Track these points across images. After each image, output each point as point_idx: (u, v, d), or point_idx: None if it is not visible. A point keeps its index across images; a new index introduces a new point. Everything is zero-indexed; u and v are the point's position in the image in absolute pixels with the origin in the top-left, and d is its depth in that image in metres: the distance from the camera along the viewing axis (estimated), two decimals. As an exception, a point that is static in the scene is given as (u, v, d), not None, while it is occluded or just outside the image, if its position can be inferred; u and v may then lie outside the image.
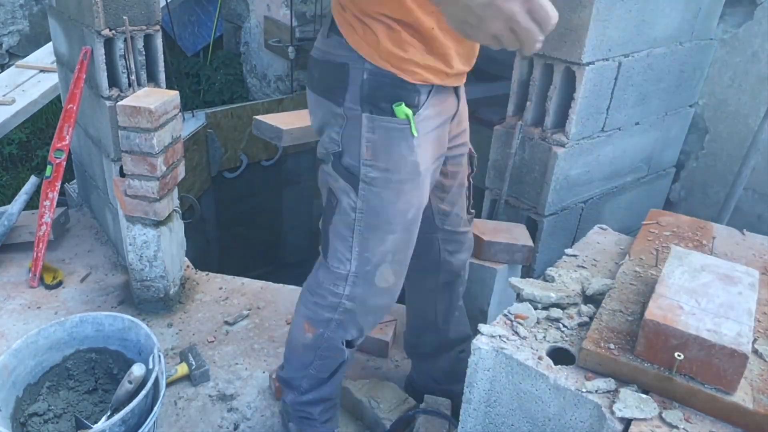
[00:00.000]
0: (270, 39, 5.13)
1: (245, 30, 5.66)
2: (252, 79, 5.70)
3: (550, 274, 1.54)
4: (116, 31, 2.41)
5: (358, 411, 2.07)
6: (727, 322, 1.17)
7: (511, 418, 1.34)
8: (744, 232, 1.73)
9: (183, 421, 2.05)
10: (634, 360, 1.21)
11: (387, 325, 2.43)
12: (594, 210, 2.60)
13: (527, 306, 1.42)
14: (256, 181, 4.90)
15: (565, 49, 2.17)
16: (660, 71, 2.49)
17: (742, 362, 1.10)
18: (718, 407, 1.14)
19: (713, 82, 2.76)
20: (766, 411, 1.11)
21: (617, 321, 1.33)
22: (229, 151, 4.59)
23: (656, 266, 1.54)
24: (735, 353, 1.10)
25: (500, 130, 2.49)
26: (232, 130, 4.54)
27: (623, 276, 1.50)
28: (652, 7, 2.26)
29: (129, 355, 1.95)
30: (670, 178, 2.96)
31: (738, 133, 2.71)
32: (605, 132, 2.42)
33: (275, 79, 5.35)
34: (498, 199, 2.52)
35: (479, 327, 1.37)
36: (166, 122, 2.33)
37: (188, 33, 6.19)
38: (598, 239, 1.78)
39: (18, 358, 1.82)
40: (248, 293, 2.74)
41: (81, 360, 1.97)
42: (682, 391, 1.17)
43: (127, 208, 2.40)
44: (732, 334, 1.14)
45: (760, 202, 2.69)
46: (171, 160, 2.43)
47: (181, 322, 2.53)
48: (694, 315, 1.19)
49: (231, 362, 2.32)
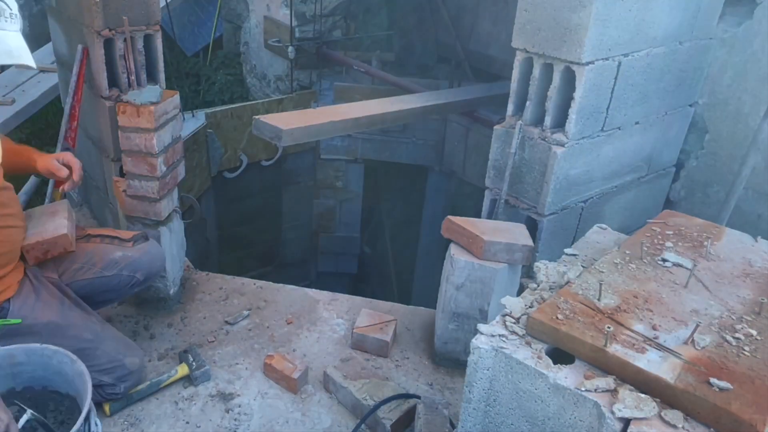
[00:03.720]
0: (270, 39, 5.13)
1: (245, 30, 5.66)
2: (252, 79, 5.70)
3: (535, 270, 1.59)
4: (116, 32, 2.40)
5: (358, 411, 2.08)
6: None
7: (511, 417, 1.34)
8: (758, 239, 1.72)
9: (183, 421, 2.05)
10: (573, 330, 1.28)
11: (387, 325, 2.43)
12: (594, 209, 2.60)
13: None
14: (255, 181, 4.90)
15: (565, 49, 2.17)
16: (660, 71, 2.49)
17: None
18: (642, 379, 1.20)
19: (713, 82, 2.76)
20: (685, 386, 1.15)
21: (571, 297, 1.40)
22: (229, 151, 4.59)
23: (641, 258, 1.55)
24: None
25: (500, 129, 2.49)
26: (232, 130, 4.54)
27: (600, 265, 1.52)
28: (651, 6, 2.26)
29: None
30: (670, 177, 2.96)
31: (738, 132, 2.71)
32: (605, 131, 2.42)
33: (275, 79, 5.35)
34: (498, 198, 2.52)
35: (479, 327, 1.37)
36: (166, 122, 2.33)
37: (188, 33, 6.19)
38: (598, 239, 1.78)
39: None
40: (248, 293, 2.74)
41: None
42: (614, 363, 1.23)
43: (127, 208, 2.40)
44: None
45: (760, 201, 2.69)
46: (171, 160, 2.43)
47: (181, 322, 2.53)
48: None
49: (231, 362, 2.33)
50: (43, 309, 1.90)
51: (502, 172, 2.49)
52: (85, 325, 1.99)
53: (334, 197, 5.18)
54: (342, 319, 2.60)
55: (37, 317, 1.87)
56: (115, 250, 2.15)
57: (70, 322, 1.94)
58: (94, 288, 2.10)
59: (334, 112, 3.44)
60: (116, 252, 2.14)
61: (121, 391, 2.05)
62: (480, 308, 2.20)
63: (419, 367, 2.37)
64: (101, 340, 1.99)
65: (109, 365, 1.99)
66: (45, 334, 1.85)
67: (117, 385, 2.02)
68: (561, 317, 1.32)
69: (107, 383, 2.00)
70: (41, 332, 1.85)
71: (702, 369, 1.18)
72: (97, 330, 2.01)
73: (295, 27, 4.77)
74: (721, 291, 1.46)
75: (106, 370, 1.99)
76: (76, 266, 2.09)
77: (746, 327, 1.32)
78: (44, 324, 1.88)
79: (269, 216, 5.20)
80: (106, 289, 2.13)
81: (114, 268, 2.11)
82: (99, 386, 1.99)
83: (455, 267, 2.14)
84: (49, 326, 1.88)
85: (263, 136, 3.13)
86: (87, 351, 1.92)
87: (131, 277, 2.15)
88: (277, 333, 2.50)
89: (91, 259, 2.11)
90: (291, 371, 2.18)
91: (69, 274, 2.07)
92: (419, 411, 1.92)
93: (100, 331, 2.02)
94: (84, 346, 1.92)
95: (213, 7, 6.09)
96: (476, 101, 3.97)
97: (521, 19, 2.30)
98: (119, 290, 2.18)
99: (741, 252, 1.64)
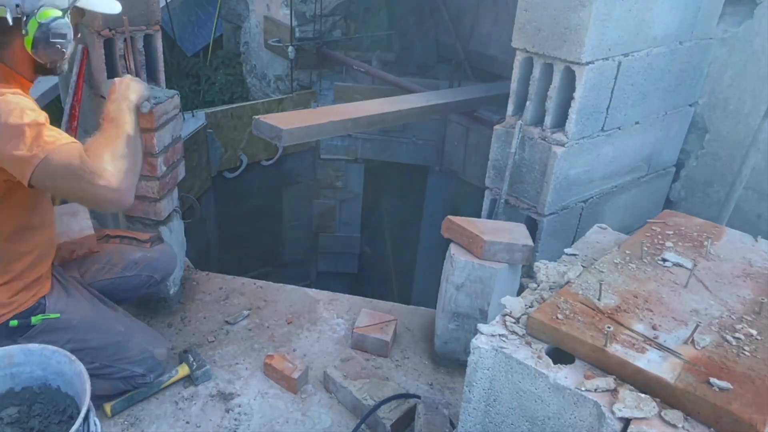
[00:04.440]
0: (270, 39, 5.13)
1: (245, 30, 5.66)
2: (252, 78, 5.70)
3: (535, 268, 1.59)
4: (116, 32, 2.40)
5: (358, 411, 2.08)
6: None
7: (511, 417, 1.34)
8: (758, 239, 1.72)
9: (183, 421, 2.05)
10: (573, 330, 1.28)
11: (387, 324, 2.43)
12: (594, 209, 2.60)
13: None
14: (256, 181, 4.90)
15: (565, 49, 2.17)
16: (660, 70, 2.49)
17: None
18: (642, 379, 1.20)
19: (713, 82, 2.76)
20: (685, 386, 1.14)
21: (571, 296, 1.39)
22: (229, 151, 4.59)
23: (641, 258, 1.55)
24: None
25: (500, 129, 2.49)
26: (232, 130, 4.54)
27: (600, 265, 1.52)
28: (652, 6, 2.26)
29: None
30: (670, 177, 2.96)
31: (738, 132, 2.71)
32: (605, 131, 2.42)
33: (275, 78, 5.35)
34: (498, 198, 2.52)
35: (479, 327, 1.37)
36: (166, 122, 2.33)
37: (188, 33, 6.19)
38: (598, 238, 1.78)
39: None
40: (248, 293, 2.74)
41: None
42: (614, 363, 1.23)
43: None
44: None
45: (760, 201, 2.69)
46: (171, 160, 2.42)
47: (181, 322, 2.53)
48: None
49: (231, 362, 2.33)
50: (76, 305, 1.93)
51: (502, 172, 2.49)
52: (115, 318, 2.03)
53: (334, 197, 5.18)
54: (342, 319, 2.60)
55: (72, 313, 1.90)
56: (134, 251, 2.19)
57: (103, 316, 1.98)
58: (114, 288, 2.14)
59: (335, 111, 3.44)
60: (136, 253, 2.18)
61: (150, 380, 2.10)
62: (480, 308, 2.20)
63: (419, 367, 2.37)
64: (132, 332, 2.03)
65: (140, 356, 2.03)
66: (81, 328, 1.89)
67: (147, 375, 2.07)
68: (561, 317, 1.32)
69: (138, 374, 2.05)
70: (78, 326, 1.89)
71: (702, 369, 1.19)
72: (127, 323, 2.06)
73: (295, 27, 4.78)
74: (721, 291, 1.46)
75: (138, 361, 2.03)
76: (98, 266, 2.13)
77: (746, 327, 1.32)
78: (80, 319, 1.91)
79: (269, 216, 5.20)
80: (125, 288, 2.17)
81: (134, 268, 2.16)
82: (130, 377, 2.04)
83: (455, 267, 2.14)
84: (85, 321, 1.92)
85: (263, 136, 3.13)
86: (120, 344, 1.98)
87: (150, 278, 2.20)
88: (277, 333, 2.50)
89: (111, 260, 2.14)
90: (291, 371, 2.18)
91: (90, 273, 2.11)
92: (419, 411, 1.92)
93: (130, 324, 2.07)
94: (117, 339, 1.98)
95: (213, 7, 6.10)
96: (476, 101, 3.97)
97: (521, 19, 2.30)
98: (137, 290, 2.23)
99: (741, 252, 1.64)
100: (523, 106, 2.41)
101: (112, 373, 1.98)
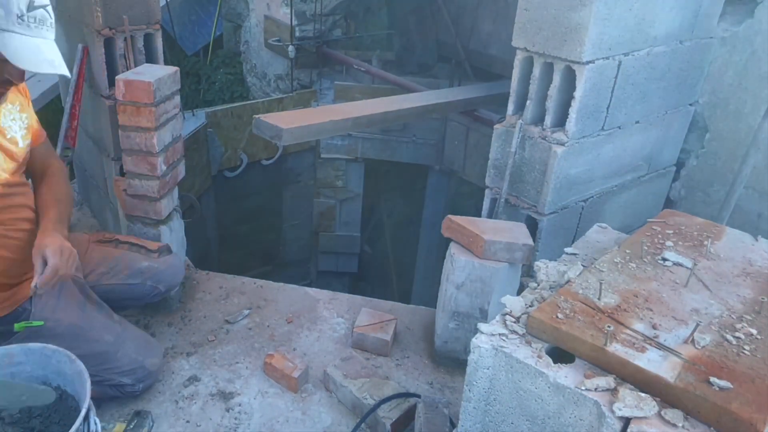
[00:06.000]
0: (270, 38, 5.13)
1: (245, 29, 5.66)
2: (252, 78, 5.70)
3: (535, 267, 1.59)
4: (116, 31, 2.40)
5: (358, 410, 2.08)
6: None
7: (511, 417, 1.34)
8: (758, 238, 1.72)
9: (183, 420, 2.06)
10: (573, 330, 1.28)
11: (387, 324, 2.44)
12: (594, 209, 2.60)
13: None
14: (256, 180, 4.90)
15: (566, 48, 2.17)
16: (660, 70, 2.48)
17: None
18: (642, 378, 1.19)
19: (713, 81, 2.75)
20: (685, 385, 1.14)
21: (571, 296, 1.39)
22: (229, 150, 4.59)
23: (641, 258, 1.55)
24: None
25: (500, 129, 2.49)
26: (232, 129, 4.54)
27: (600, 264, 1.52)
28: (652, 5, 2.25)
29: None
30: (670, 176, 2.96)
31: (738, 131, 2.70)
32: (605, 131, 2.42)
33: (275, 78, 5.35)
34: (498, 198, 2.52)
35: (479, 326, 1.37)
36: (167, 121, 2.33)
37: (188, 32, 6.19)
38: (598, 238, 1.78)
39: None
40: (248, 292, 2.74)
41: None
42: (614, 362, 1.23)
43: (127, 208, 2.40)
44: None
45: (760, 200, 2.69)
46: (171, 159, 2.43)
47: (182, 321, 2.53)
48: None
49: (231, 361, 2.33)
50: (64, 310, 1.90)
51: (502, 172, 2.49)
52: (105, 327, 1.98)
53: (334, 196, 5.18)
54: (342, 318, 2.60)
55: (58, 319, 1.86)
56: (141, 259, 2.17)
57: (91, 325, 1.94)
58: (116, 294, 2.11)
59: (335, 111, 3.44)
60: (143, 262, 2.16)
61: (139, 390, 2.06)
62: (480, 307, 2.20)
63: (419, 366, 2.37)
64: (122, 342, 1.99)
65: (129, 367, 1.99)
66: (67, 336, 1.84)
67: (136, 385, 2.03)
68: (561, 316, 1.32)
69: (127, 384, 2.01)
70: (63, 335, 1.84)
71: (702, 368, 1.19)
72: (118, 331, 2.00)
73: (295, 26, 4.78)
74: (722, 290, 1.46)
75: (126, 372, 1.99)
76: (103, 269, 2.11)
77: (746, 326, 1.32)
78: (66, 326, 1.87)
79: (269, 215, 5.20)
80: (128, 296, 2.16)
81: (139, 277, 2.14)
82: (119, 385, 2.00)
83: (455, 266, 2.14)
84: (71, 329, 1.87)
85: (263, 135, 3.13)
86: (108, 354, 1.93)
87: (154, 288, 2.18)
88: (278, 332, 2.50)
89: (118, 265, 2.13)
90: (291, 370, 2.18)
91: (95, 276, 2.09)
92: (419, 410, 1.92)
93: (121, 332, 2.01)
94: (105, 350, 1.93)
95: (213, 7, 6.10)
96: (476, 100, 3.97)
97: (522, 19, 2.30)
98: (140, 299, 2.21)
99: (741, 251, 1.64)
100: (524, 106, 2.41)
101: (100, 381, 1.92)
